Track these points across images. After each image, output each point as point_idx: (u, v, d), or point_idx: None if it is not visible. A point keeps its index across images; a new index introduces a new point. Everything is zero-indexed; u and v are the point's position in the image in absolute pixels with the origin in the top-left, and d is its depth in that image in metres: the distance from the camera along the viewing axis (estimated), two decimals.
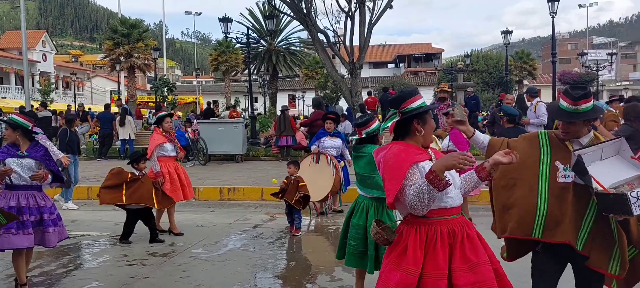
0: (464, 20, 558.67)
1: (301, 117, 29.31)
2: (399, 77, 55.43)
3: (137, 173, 6.58)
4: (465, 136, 3.39)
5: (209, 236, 6.85)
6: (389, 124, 2.86)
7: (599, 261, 2.93)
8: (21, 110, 14.49)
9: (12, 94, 43.49)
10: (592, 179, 2.85)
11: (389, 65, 67.53)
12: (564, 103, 3.06)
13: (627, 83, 64.53)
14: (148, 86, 55.49)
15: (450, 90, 16.02)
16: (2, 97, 38.83)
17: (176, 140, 7.24)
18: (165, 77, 29.27)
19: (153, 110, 27.99)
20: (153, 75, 33.74)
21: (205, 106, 29.37)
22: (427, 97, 19.01)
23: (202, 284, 5.00)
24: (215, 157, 14.86)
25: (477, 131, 3.39)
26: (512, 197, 3.12)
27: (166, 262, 5.76)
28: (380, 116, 17.94)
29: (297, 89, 52.82)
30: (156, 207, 6.69)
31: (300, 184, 6.76)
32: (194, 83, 56.92)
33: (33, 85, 41.93)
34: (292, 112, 22.17)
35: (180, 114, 30.60)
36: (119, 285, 4.99)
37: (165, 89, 25.08)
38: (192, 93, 49.34)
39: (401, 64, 65.86)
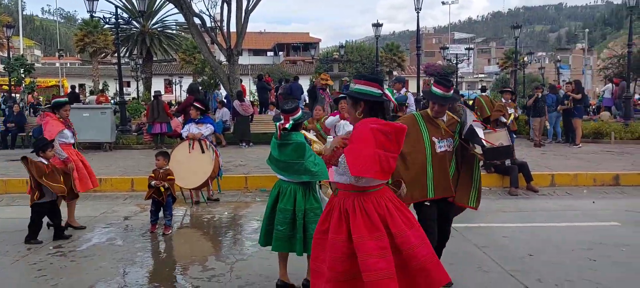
0: (341, 11, 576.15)
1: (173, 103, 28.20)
2: (278, 65, 55.74)
3: (45, 162, 5.93)
4: None
5: (70, 231, 6.34)
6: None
7: (461, 199, 4.12)
8: None
9: None
10: (482, 140, 3.97)
11: (268, 53, 67.63)
12: (437, 90, 3.97)
13: (482, 75, 71.17)
14: (0, 66, 49.94)
15: (331, 82, 16.49)
16: None
17: (73, 126, 6.79)
18: (22, 56, 26.41)
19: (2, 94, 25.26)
20: (6, 54, 30.38)
21: (69, 90, 27.10)
22: (304, 85, 19.33)
23: (59, 284, 4.62)
24: (80, 145, 13.78)
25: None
26: (413, 171, 3.98)
27: (18, 262, 5.24)
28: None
29: (174, 74, 50.86)
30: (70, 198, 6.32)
31: (168, 177, 6.43)
32: (57, 65, 52.23)
33: None
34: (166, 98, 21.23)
35: (41, 98, 27.95)
36: None
37: (22, 70, 22.66)
38: (55, 75, 45.27)
39: (280, 52, 66.29)
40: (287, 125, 4.13)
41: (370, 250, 2.92)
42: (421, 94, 16.95)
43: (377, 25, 25.89)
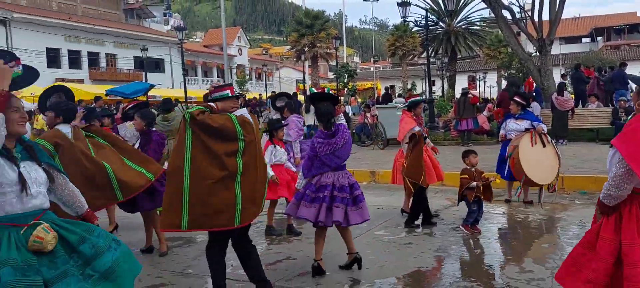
0: None
1: (480, 99, 27.87)
2: (595, 52, 49.39)
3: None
4: None
5: (391, 219, 6.92)
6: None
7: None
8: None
9: None
10: None
11: (584, 40, 60.63)
12: None
13: None
14: (329, 74, 58.11)
15: None
16: (207, 89, 44.11)
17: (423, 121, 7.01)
18: (346, 64, 30.25)
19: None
20: (334, 63, 35.26)
21: (382, 91, 29.74)
22: (634, 71, 16.56)
23: (385, 265, 5.08)
24: (393, 141, 14.97)
25: None
26: None
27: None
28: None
29: (478, 70, 50.51)
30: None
31: (483, 175, 6.23)
32: (372, 69, 58.03)
33: (231, 77, 46.88)
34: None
35: (359, 99, 31.48)
36: (304, 258, 5.27)
37: (346, 76, 25.95)
38: (370, 79, 50.37)
39: (599, 38, 58.63)
40: None
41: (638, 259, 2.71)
42: None
43: None
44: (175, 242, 6.04)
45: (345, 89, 29.99)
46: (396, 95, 37.75)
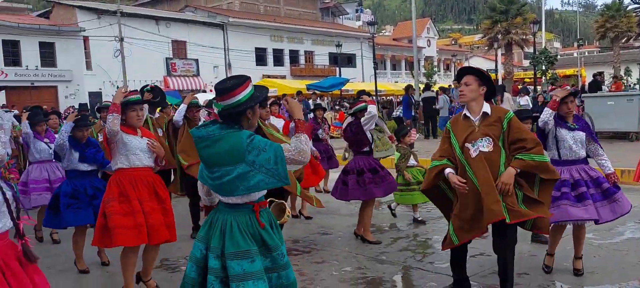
0: None
1: None
2: None
3: None
4: None
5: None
6: None
7: None
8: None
9: (402, 78, 49.66)
10: None
11: None
12: None
13: None
14: (524, 62, 54.25)
15: None
16: (395, 82, 44.70)
17: None
18: (545, 49, 27.93)
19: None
20: (531, 50, 32.81)
21: (589, 79, 26.76)
22: None
23: (595, 271, 4.68)
24: (602, 134, 13.44)
25: None
26: None
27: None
28: None
29: None
30: None
31: None
32: (575, 54, 52.45)
33: (419, 69, 46.82)
34: None
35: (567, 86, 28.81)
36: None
37: (545, 63, 23.97)
38: (572, 65, 45.61)
39: None
40: None
41: None
42: None
43: None
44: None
45: (543, 78, 27.68)
46: (605, 81, 33.70)
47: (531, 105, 16.88)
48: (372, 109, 5.65)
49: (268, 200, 2.89)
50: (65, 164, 5.09)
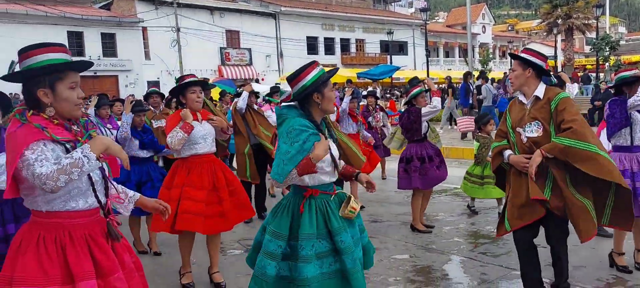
0: None
1: None
2: None
3: None
4: None
5: None
6: None
7: None
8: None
9: (456, 65, 48.58)
10: None
11: None
12: None
13: None
14: (586, 48, 51.92)
15: None
16: (448, 69, 43.79)
17: None
18: (607, 35, 26.58)
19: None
20: (593, 35, 31.33)
21: None
22: None
23: None
24: None
25: None
26: None
27: None
28: None
29: None
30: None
31: None
32: None
33: (473, 57, 45.68)
34: None
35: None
36: None
37: (608, 48, 22.84)
38: (639, 52, 43.19)
39: None
40: None
41: None
42: None
43: None
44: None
45: (606, 64, 26.39)
46: None
47: (577, 93, 15.98)
48: (437, 102, 5.62)
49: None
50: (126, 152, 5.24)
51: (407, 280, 4.49)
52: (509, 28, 75.02)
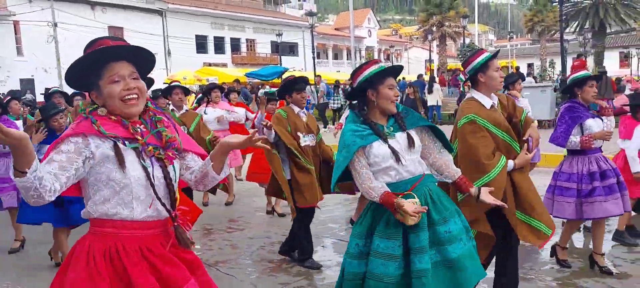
0: None
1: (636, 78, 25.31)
2: None
3: None
4: None
5: None
6: None
7: None
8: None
9: (344, 67, 50.48)
10: None
11: None
12: None
13: None
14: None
15: None
16: (337, 71, 45.41)
17: None
18: (472, 43, 29.38)
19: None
20: (466, 41, 34.32)
21: (515, 70, 28.44)
22: None
23: None
24: None
25: None
26: None
27: None
28: None
29: (631, 46, 45.51)
30: None
31: None
32: (508, 46, 55.04)
33: (359, 59, 47.75)
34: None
35: None
36: None
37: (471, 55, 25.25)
38: (506, 57, 47.93)
39: None
40: None
41: None
42: None
43: None
44: None
45: None
46: (534, 73, 35.68)
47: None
48: None
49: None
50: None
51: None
52: (393, 33, 79.12)
